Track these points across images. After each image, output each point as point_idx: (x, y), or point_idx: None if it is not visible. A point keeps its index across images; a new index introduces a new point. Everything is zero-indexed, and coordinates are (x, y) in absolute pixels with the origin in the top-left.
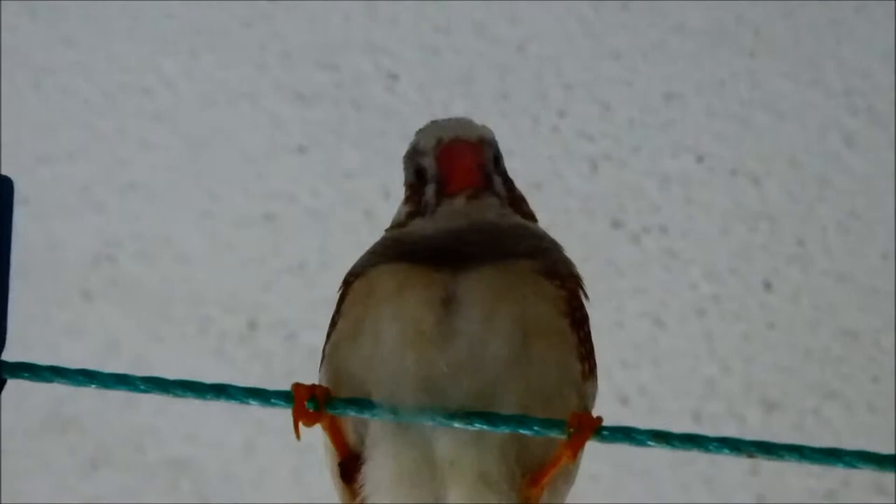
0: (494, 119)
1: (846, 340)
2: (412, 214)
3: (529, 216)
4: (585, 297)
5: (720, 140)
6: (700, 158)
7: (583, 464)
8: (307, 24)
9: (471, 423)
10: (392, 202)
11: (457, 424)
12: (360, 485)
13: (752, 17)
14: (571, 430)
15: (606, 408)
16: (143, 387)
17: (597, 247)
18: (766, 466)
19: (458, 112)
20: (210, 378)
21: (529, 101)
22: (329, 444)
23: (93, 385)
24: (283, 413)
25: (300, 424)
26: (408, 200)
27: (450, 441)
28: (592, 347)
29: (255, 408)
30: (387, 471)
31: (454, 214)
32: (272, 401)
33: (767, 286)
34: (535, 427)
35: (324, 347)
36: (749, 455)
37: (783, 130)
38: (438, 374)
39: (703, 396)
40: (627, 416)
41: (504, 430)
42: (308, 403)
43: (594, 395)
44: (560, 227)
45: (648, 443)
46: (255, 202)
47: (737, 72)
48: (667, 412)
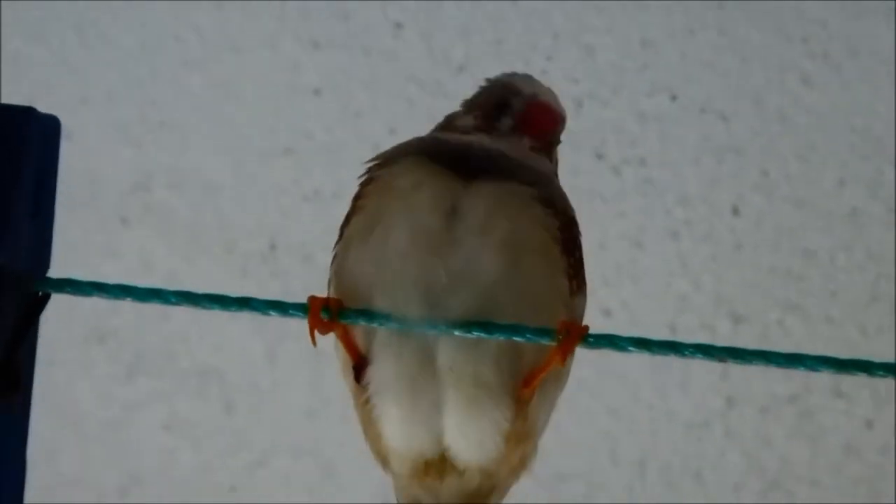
0: (490, 63)
1: (806, 259)
2: (478, 129)
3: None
4: (577, 236)
5: (691, 81)
6: (674, 98)
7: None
8: None
9: (469, 332)
10: (396, 137)
11: (457, 332)
12: (367, 385)
13: None
14: (561, 337)
15: (591, 320)
16: (175, 300)
17: (582, 177)
18: (735, 372)
19: (457, 57)
20: (235, 293)
21: (521, 48)
22: (342, 351)
23: (129, 298)
24: (301, 324)
25: (315, 332)
26: (475, 117)
27: (449, 347)
28: (582, 270)
29: (276, 320)
30: (390, 373)
31: (511, 147)
32: (290, 312)
33: (735, 211)
34: (528, 334)
35: (335, 246)
36: (720, 359)
37: (748, 73)
38: (439, 284)
39: (678, 310)
40: (610, 327)
41: (499, 338)
42: (322, 313)
43: (582, 311)
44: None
45: (630, 348)
46: (276, 138)
47: (706, 21)
48: (645, 324)
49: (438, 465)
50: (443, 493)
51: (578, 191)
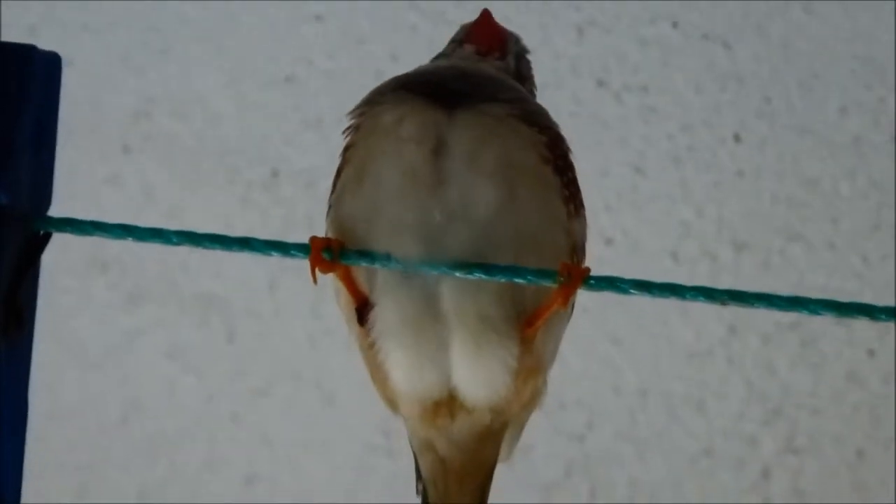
0: None
1: (808, 187)
2: (434, 60)
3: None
4: (567, 153)
5: (693, 8)
6: (675, 24)
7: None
8: None
9: (471, 273)
10: (399, 66)
11: (458, 274)
12: (370, 327)
13: None
14: (562, 279)
15: (593, 248)
16: (176, 239)
17: (583, 104)
18: None
19: None
20: (237, 221)
21: None
22: (344, 292)
23: (129, 238)
24: (303, 258)
25: (316, 271)
26: (432, 60)
27: (452, 288)
28: (578, 191)
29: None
30: (393, 315)
31: (461, 58)
32: (291, 252)
33: (737, 138)
34: (529, 276)
35: (329, 198)
36: (722, 303)
37: None
38: (434, 223)
39: (680, 237)
40: (612, 255)
41: (500, 279)
42: (324, 253)
43: (583, 233)
44: (550, 87)
45: (631, 291)
46: (278, 65)
47: None
48: (647, 252)
49: (448, 406)
50: (454, 433)
51: (580, 118)
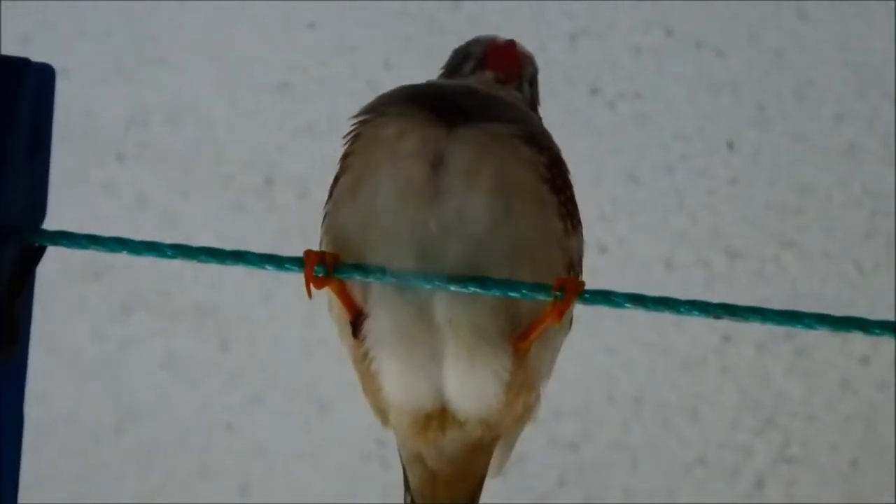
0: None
1: (802, 194)
2: (444, 77)
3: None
4: (566, 172)
5: (687, 16)
6: (669, 32)
7: None
8: None
9: (466, 287)
10: (392, 73)
11: (453, 288)
12: (363, 339)
13: None
14: (557, 294)
15: (587, 257)
16: (171, 253)
17: (577, 112)
18: None
19: None
20: (231, 228)
21: None
22: (339, 305)
23: (124, 251)
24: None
25: (311, 287)
26: (441, 75)
27: (446, 300)
28: (575, 209)
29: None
30: (387, 326)
31: (480, 82)
32: (286, 266)
33: (730, 146)
34: (524, 291)
35: (325, 205)
36: (716, 316)
37: (743, 7)
38: (429, 236)
39: (674, 245)
40: (606, 264)
41: (495, 293)
42: (318, 268)
43: (580, 250)
44: (544, 95)
45: (626, 305)
46: (272, 72)
47: None
48: (641, 260)
49: (439, 418)
50: (445, 446)
51: (573, 126)
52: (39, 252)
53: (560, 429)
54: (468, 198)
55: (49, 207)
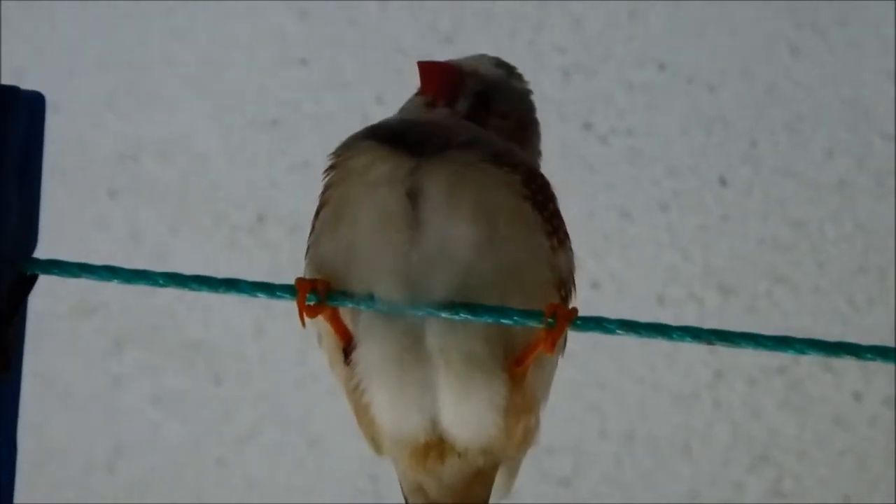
0: (476, 34)
1: (794, 230)
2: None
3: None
4: (546, 185)
5: (679, 51)
6: (661, 67)
7: None
8: None
9: (457, 314)
10: (384, 108)
11: (444, 315)
12: (354, 369)
13: None
14: (549, 322)
15: (579, 292)
16: (162, 281)
17: (570, 147)
18: None
19: (444, 27)
20: (223, 264)
21: (508, 18)
22: (330, 332)
23: (116, 280)
24: (289, 300)
25: (304, 315)
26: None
27: (437, 327)
28: (561, 223)
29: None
30: (376, 355)
31: (408, 111)
32: (277, 294)
33: (723, 182)
34: (515, 317)
35: (308, 238)
36: (708, 342)
37: (736, 42)
38: (413, 266)
39: (666, 281)
40: (598, 300)
41: (487, 320)
42: (310, 296)
43: (570, 264)
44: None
45: (618, 331)
46: (264, 108)
47: None
48: (633, 296)
49: (437, 448)
50: (445, 476)
51: (566, 161)
52: (31, 281)
53: (552, 464)
54: (449, 227)
55: (41, 243)
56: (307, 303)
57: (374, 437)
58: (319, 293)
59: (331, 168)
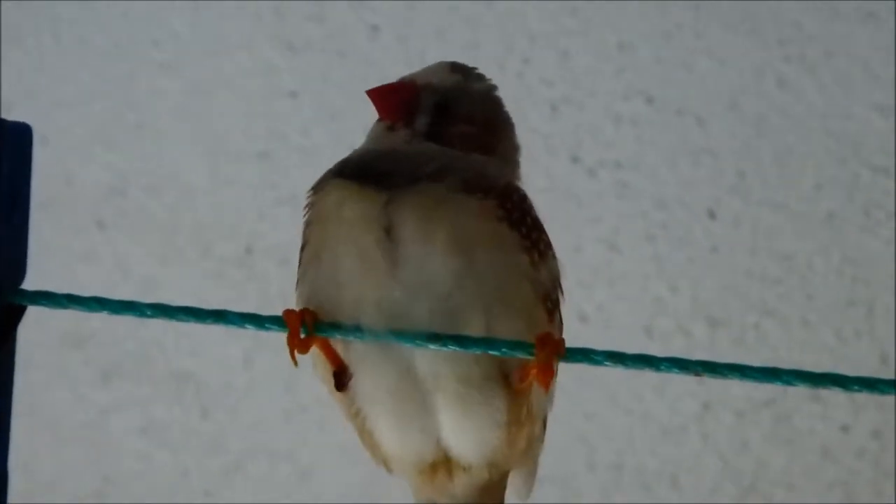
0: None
1: (782, 263)
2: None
3: (469, 149)
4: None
5: (667, 84)
6: (649, 100)
7: None
8: None
9: (444, 346)
10: None
11: (432, 346)
12: (352, 396)
13: None
14: (538, 352)
15: (567, 325)
16: (150, 312)
17: (557, 180)
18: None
19: (433, 60)
20: (211, 297)
21: (496, 51)
22: (322, 359)
23: (104, 311)
24: (278, 332)
25: (296, 352)
26: None
27: (428, 357)
28: (540, 234)
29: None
30: (372, 384)
31: (371, 139)
32: (266, 325)
33: (711, 214)
34: (503, 349)
35: (298, 270)
36: (696, 373)
37: (724, 75)
38: (395, 299)
39: (654, 314)
40: (586, 332)
41: (475, 351)
42: (303, 329)
43: (553, 275)
44: (524, 163)
45: (605, 363)
46: (252, 141)
47: (682, 22)
48: (621, 328)
49: (445, 466)
50: (456, 491)
51: (553, 193)
52: (20, 311)
53: (539, 495)
54: (427, 260)
55: (29, 274)
56: (300, 335)
57: (380, 458)
58: (308, 325)
59: (308, 206)
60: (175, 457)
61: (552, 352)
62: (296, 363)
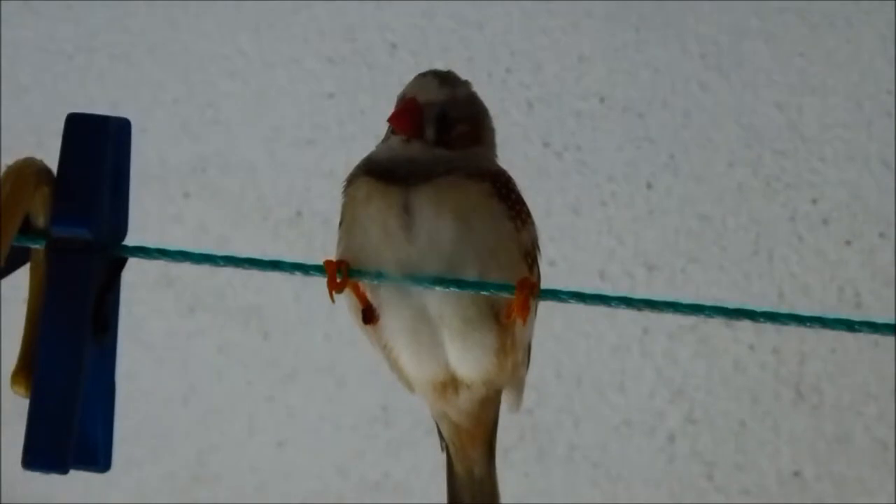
0: (464, 74)
1: (703, 222)
2: (383, 140)
3: (468, 146)
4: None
5: (616, 87)
6: (602, 100)
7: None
8: (336, 10)
9: (447, 287)
10: None
11: (437, 288)
12: (381, 332)
13: (636, 5)
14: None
15: (540, 269)
16: (222, 262)
17: (532, 161)
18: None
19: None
20: (269, 250)
21: (486, 63)
22: (353, 300)
23: (187, 261)
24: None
25: (333, 292)
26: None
27: (436, 301)
28: (522, 206)
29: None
30: (395, 323)
31: (392, 149)
32: (311, 272)
33: (649, 186)
34: (491, 289)
35: (337, 239)
36: (639, 308)
37: (659, 80)
38: (410, 258)
39: (606, 261)
40: (554, 275)
41: (469, 291)
42: (338, 273)
43: (532, 238)
44: (506, 148)
45: (570, 300)
46: (301, 131)
47: (627, 41)
48: (581, 271)
49: (452, 385)
50: (461, 403)
51: (530, 171)
52: (122, 262)
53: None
54: (436, 227)
55: (130, 234)
56: (337, 279)
57: (404, 379)
58: (342, 271)
59: (344, 194)
60: (244, 370)
61: (528, 292)
62: (333, 300)
